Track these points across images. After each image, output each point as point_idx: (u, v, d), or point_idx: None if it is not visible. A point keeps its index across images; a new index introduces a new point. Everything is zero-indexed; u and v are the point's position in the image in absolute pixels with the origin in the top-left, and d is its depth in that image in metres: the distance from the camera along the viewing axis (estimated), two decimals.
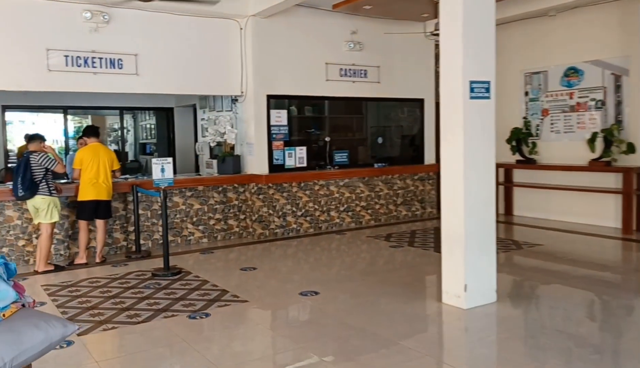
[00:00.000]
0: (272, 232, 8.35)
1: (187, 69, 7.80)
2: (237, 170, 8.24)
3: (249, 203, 8.28)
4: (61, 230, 6.98)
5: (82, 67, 6.96)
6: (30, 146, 6.42)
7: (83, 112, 12.22)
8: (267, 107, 8.26)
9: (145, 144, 12.97)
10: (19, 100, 9.39)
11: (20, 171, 6.19)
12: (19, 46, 6.59)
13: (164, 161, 6.19)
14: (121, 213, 7.42)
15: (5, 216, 6.60)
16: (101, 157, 6.77)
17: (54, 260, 6.87)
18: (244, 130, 8.34)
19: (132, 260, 7.01)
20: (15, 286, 2.74)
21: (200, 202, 7.99)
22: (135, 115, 12.89)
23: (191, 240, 7.95)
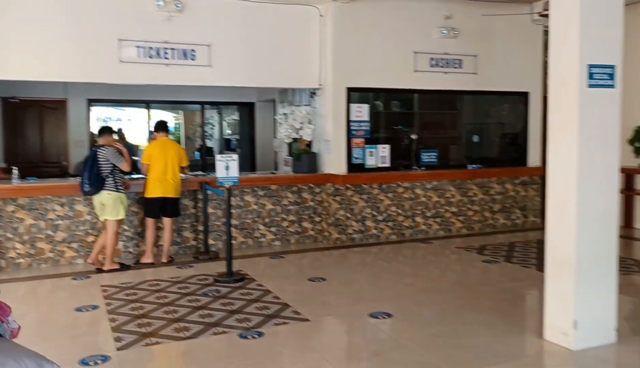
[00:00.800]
0: (349, 237, 7.65)
1: (262, 59, 7.31)
2: (313, 169, 7.63)
3: (325, 205, 7.65)
4: (130, 227, 6.75)
5: (154, 58, 6.68)
6: (99, 140, 6.22)
7: (171, 107, 12.25)
8: (347, 101, 7.56)
9: (229, 140, 12.80)
10: (103, 94, 9.45)
11: (88, 166, 6.00)
12: (91, 37, 6.42)
13: (229, 158, 5.71)
14: (191, 211, 7.08)
15: (75, 211, 6.47)
16: (169, 153, 6.44)
17: (123, 258, 6.67)
18: (322, 125, 7.70)
19: (198, 262, 6.63)
20: None
21: (273, 202, 7.48)
22: (220, 110, 12.74)
23: (263, 242, 7.46)
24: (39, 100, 9.25)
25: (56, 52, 6.28)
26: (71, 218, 6.46)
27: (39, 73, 6.35)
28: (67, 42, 6.32)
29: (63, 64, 6.34)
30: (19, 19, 6.08)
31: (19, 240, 6.22)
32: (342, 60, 7.50)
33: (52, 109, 9.38)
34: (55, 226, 6.38)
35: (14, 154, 9.11)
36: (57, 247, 6.40)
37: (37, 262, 6.32)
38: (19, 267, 6.23)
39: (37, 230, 6.30)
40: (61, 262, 6.42)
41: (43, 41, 6.21)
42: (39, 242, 6.32)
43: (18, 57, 6.11)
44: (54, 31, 6.25)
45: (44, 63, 6.26)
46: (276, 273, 6.16)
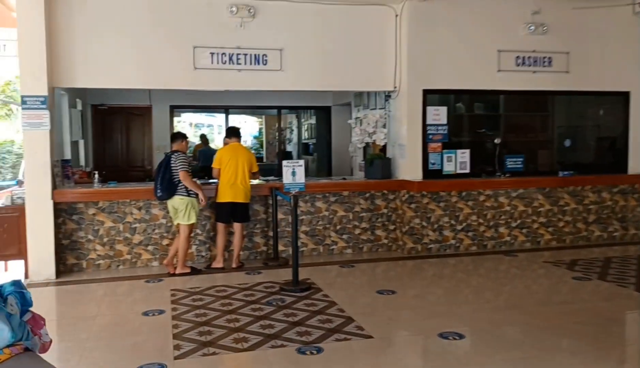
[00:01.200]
0: (425, 247, 7.27)
1: (335, 62, 7.13)
2: (386, 175, 7.34)
3: (399, 212, 7.32)
4: (203, 231, 6.83)
5: (227, 64, 6.71)
6: (173, 145, 6.33)
7: (251, 112, 12.44)
8: (423, 104, 7.19)
9: (307, 144, 12.77)
10: (184, 100, 9.73)
11: (160, 171, 6.12)
12: (168, 46, 6.56)
13: (295, 164, 5.58)
14: (262, 217, 7.04)
15: (151, 214, 6.64)
16: (240, 159, 6.44)
17: (195, 261, 6.76)
18: (396, 129, 7.39)
19: (267, 268, 6.56)
20: (32, 320, 2.21)
21: (345, 209, 7.27)
22: (298, 114, 12.75)
23: (334, 249, 7.27)
24: (125, 107, 9.70)
25: (136, 61, 6.48)
26: (147, 221, 6.63)
27: (120, 81, 6.58)
28: (146, 51, 6.50)
29: (142, 72, 6.53)
30: (102, 31, 6.33)
31: (99, 242, 6.48)
32: (418, 61, 7.16)
33: (137, 115, 9.81)
34: (132, 229, 6.58)
35: (102, 158, 9.60)
36: (134, 249, 6.60)
37: (116, 263, 6.55)
38: (99, 268, 6.48)
39: (115, 233, 6.53)
40: (138, 264, 6.61)
41: (124, 51, 6.43)
42: (117, 244, 6.54)
43: (101, 67, 6.36)
44: (134, 41, 6.45)
45: (124, 71, 6.48)
46: (344, 284, 5.94)
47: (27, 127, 5.89)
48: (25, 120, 5.87)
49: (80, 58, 6.27)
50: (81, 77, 6.32)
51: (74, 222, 6.38)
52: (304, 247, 7.15)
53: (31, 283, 5.95)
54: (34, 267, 6.02)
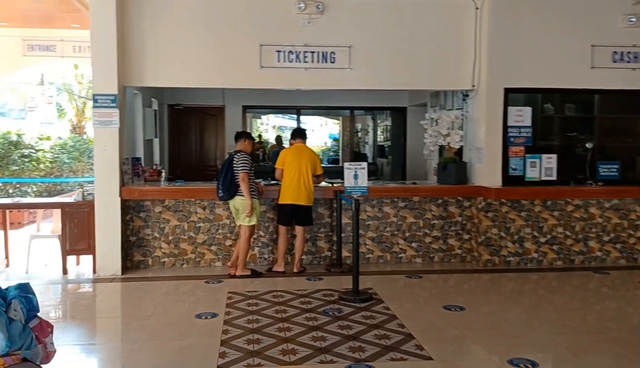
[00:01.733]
0: (503, 259, 6.67)
1: (408, 60, 6.73)
2: (461, 180, 6.82)
3: (475, 221, 6.77)
4: (266, 233, 6.68)
5: (294, 62, 6.52)
6: (236, 145, 6.23)
7: (325, 113, 12.25)
8: (505, 104, 6.61)
9: (383, 146, 12.38)
10: (256, 100, 9.70)
11: (223, 171, 6.03)
12: (234, 43, 6.48)
13: (358, 167, 5.26)
14: (326, 220, 6.78)
15: (215, 214, 6.59)
16: (303, 159, 6.22)
17: (258, 264, 6.63)
18: (474, 131, 6.85)
19: (329, 275, 6.29)
20: (38, 327, 2.07)
21: (414, 215, 6.84)
22: (374, 115, 12.39)
23: (402, 258, 6.86)
24: (200, 106, 9.83)
25: (202, 60, 6.45)
26: (211, 221, 6.58)
27: (186, 80, 6.59)
28: (213, 50, 6.45)
29: (208, 71, 6.49)
30: (171, 30, 6.36)
31: (165, 240, 6.51)
32: (500, 57, 6.59)
33: (211, 115, 9.91)
34: (197, 228, 6.56)
35: (177, 156, 9.78)
36: (198, 248, 6.57)
37: (180, 261, 6.55)
38: (164, 266, 6.51)
39: (180, 231, 6.53)
40: (201, 264, 6.58)
41: (191, 50, 6.42)
42: (182, 243, 6.55)
43: (169, 66, 6.39)
44: (201, 40, 6.42)
45: (191, 71, 6.48)
46: (409, 296, 5.53)
47: (98, 124, 6.02)
48: (96, 118, 6.01)
49: (149, 57, 6.34)
50: (150, 76, 6.38)
51: (141, 219, 6.45)
52: (370, 254, 6.81)
53: (98, 278, 6.09)
54: (101, 262, 6.14)
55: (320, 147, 17.70)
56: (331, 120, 16.76)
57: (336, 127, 16.29)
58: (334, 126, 16.83)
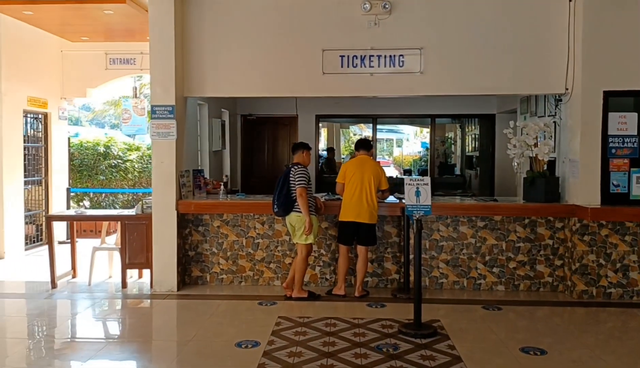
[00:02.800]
0: (602, 291, 5.68)
1: (487, 61, 5.98)
2: (552, 198, 5.91)
3: (569, 245, 5.84)
4: (328, 251, 6.21)
5: (358, 67, 6.02)
6: (294, 157, 5.83)
7: (409, 121, 11.57)
8: (604, 109, 5.64)
9: (471, 157, 11.45)
10: (330, 109, 9.30)
11: (279, 185, 5.65)
12: (295, 49, 6.11)
13: (420, 182, 4.62)
14: (394, 240, 6.17)
15: (274, 230, 6.23)
16: (366, 173, 5.68)
17: (319, 284, 6.17)
18: (567, 141, 5.93)
19: (394, 301, 5.68)
20: None
21: (496, 237, 6.03)
22: (462, 123, 11.51)
23: (481, 284, 6.08)
24: (273, 116, 9.61)
25: (263, 67, 6.15)
26: (270, 237, 6.24)
27: (246, 89, 6.31)
28: (273, 57, 6.13)
29: (268, 79, 6.17)
30: (231, 38, 6.13)
31: (223, 256, 6.25)
32: (598, 55, 5.65)
33: (284, 125, 9.65)
34: (255, 244, 6.24)
35: (250, 167, 9.62)
36: (256, 265, 6.25)
37: (238, 279, 6.27)
38: (222, 283, 6.26)
39: (239, 247, 6.25)
40: (260, 282, 6.25)
41: (251, 58, 6.15)
42: (240, 259, 6.26)
43: (229, 75, 6.16)
44: (261, 47, 6.12)
45: (251, 79, 6.19)
46: (482, 332, 4.78)
47: (156, 136, 5.90)
48: (154, 130, 5.89)
49: (209, 67, 6.14)
50: (210, 86, 6.18)
51: (199, 233, 6.25)
52: (444, 279, 6.10)
53: (154, 294, 5.95)
54: (157, 277, 6.00)
55: (414, 156, 16.94)
56: (425, 129, 15.99)
57: (428, 134, 15.50)
58: (427, 135, 16.04)
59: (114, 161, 11.25)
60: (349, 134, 16.22)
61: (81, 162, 11.12)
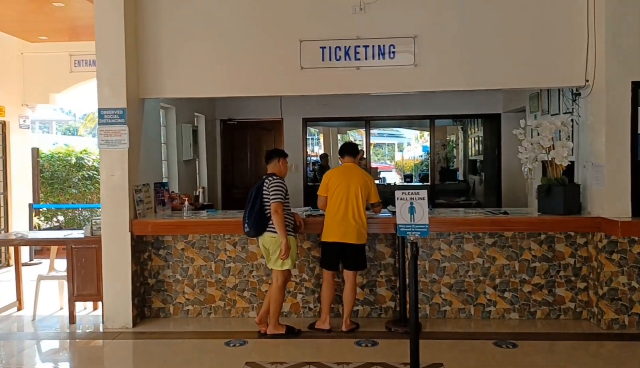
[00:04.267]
0: (636, 319, 4.78)
1: (492, 51, 5.11)
2: (572, 209, 5.01)
3: (594, 265, 4.93)
4: (311, 276, 5.31)
5: (342, 60, 5.14)
6: (268, 166, 4.93)
7: (407, 124, 10.69)
8: (633, 103, 4.75)
9: (475, 161, 10.56)
10: (318, 112, 8.43)
11: (250, 199, 4.75)
12: (268, 40, 5.24)
13: (415, 196, 3.71)
14: (388, 261, 5.28)
15: (248, 252, 5.34)
16: (353, 184, 4.79)
17: (301, 314, 5.28)
18: (588, 142, 5.04)
19: (389, 336, 4.78)
20: None
21: (508, 256, 5.13)
22: (464, 125, 10.62)
23: (491, 312, 5.17)
24: (255, 121, 8.73)
25: (231, 64, 5.27)
26: (244, 260, 5.35)
27: (213, 89, 5.43)
28: (243, 52, 5.25)
29: (238, 77, 5.29)
30: (192, 32, 5.27)
31: (189, 283, 5.36)
32: (625, 40, 4.78)
33: (268, 130, 8.77)
34: (226, 269, 5.35)
35: (231, 177, 8.74)
36: (227, 294, 5.36)
37: (207, 310, 5.37)
38: (188, 315, 5.36)
39: (207, 273, 5.36)
40: (232, 313, 5.35)
41: (217, 53, 5.27)
42: (209, 287, 5.36)
43: (192, 74, 5.28)
44: (229, 41, 5.24)
45: (218, 77, 5.32)
46: None
47: (104, 144, 5.01)
48: (101, 138, 5.01)
49: (168, 63, 5.27)
50: (170, 85, 5.30)
51: (160, 257, 5.36)
52: (447, 306, 5.20)
53: (106, 331, 5.04)
54: (109, 311, 5.09)
55: (415, 160, 16.13)
56: (426, 132, 15.15)
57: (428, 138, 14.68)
58: (427, 138, 15.22)
59: (88, 173, 10.36)
60: (347, 139, 15.38)
61: (52, 175, 10.24)
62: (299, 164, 8.64)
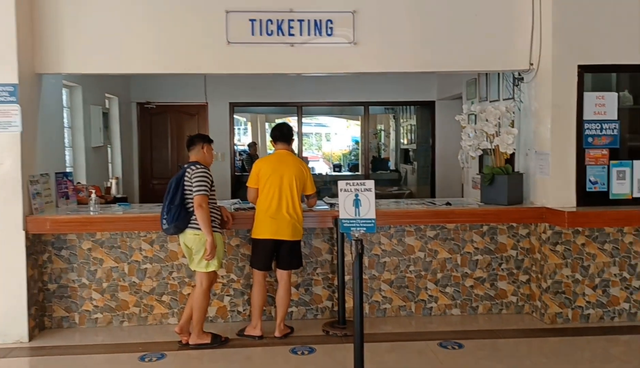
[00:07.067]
0: (579, 313, 4.65)
1: (436, 30, 4.78)
2: (515, 199, 4.80)
3: (537, 257, 4.75)
4: (240, 275, 4.78)
5: (275, 35, 4.61)
6: (191, 154, 4.32)
7: (340, 111, 10.30)
8: (579, 88, 4.57)
9: (407, 150, 10.37)
10: (247, 96, 7.84)
11: (169, 192, 4.13)
12: (188, 8, 4.60)
13: (361, 187, 3.27)
14: (325, 257, 4.84)
15: (167, 251, 4.72)
16: (287, 174, 4.29)
17: (229, 320, 4.73)
18: (532, 129, 4.84)
19: (327, 340, 4.35)
20: None
21: (449, 249, 4.85)
22: (396, 113, 10.38)
23: (433, 308, 4.88)
24: (177, 105, 8.00)
25: (145, 36, 4.60)
26: (162, 261, 4.72)
27: (123, 64, 4.67)
28: (160, 23, 4.60)
29: (153, 51, 4.63)
30: None
31: (97, 288, 4.66)
32: (571, 22, 4.57)
33: (191, 115, 8.05)
34: (141, 271, 4.70)
35: (150, 166, 7.99)
36: (143, 299, 4.71)
37: (119, 318, 4.70)
38: (96, 324, 4.67)
39: (119, 276, 4.68)
40: (149, 321, 4.71)
41: (127, 23, 4.58)
42: (121, 292, 4.69)
43: (99, 47, 4.55)
44: (144, 9, 4.57)
45: (130, 51, 4.61)
46: None
47: None
48: None
49: (70, 34, 4.51)
50: (72, 59, 4.53)
51: (63, 259, 4.62)
52: (387, 304, 4.85)
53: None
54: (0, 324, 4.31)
55: (343, 150, 15.84)
56: (353, 122, 14.85)
57: (358, 128, 14.42)
58: (357, 128, 14.95)
59: None
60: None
61: None
62: (225, 152, 8.01)
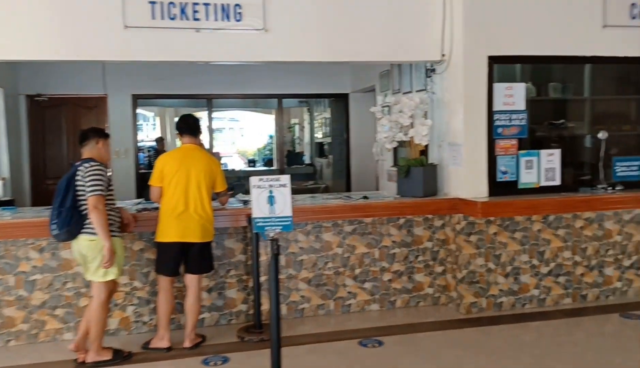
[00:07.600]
0: (493, 301, 4.72)
1: (349, 19, 4.64)
2: (430, 191, 4.79)
3: (452, 248, 4.76)
4: (146, 282, 4.38)
5: (178, 19, 4.25)
6: (84, 150, 3.86)
7: (253, 104, 9.98)
8: (489, 79, 4.62)
9: (322, 144, 10.27)
10: (151, 87, 7.33)
11: (60, 194, 3.66)
12: None
13: (275, 183, 3.04)
14: (239, 258, 4.56)
15: (60, 260, 4.22)
16: (194, 170, 3.96)
17: (132, 331, 4.32)
18: (445, 120, 4.84)
19: (241, 347, 4.09)
20: None
21: (367, 244, 4.74)
22: (310, 106, 10.24)
23: (351, 305, 4.76)
24: (72, 97, 7.32)
25: (29, 15, 4.08)
26: (54, 270, 4.21)
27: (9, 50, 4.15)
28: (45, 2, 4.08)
29: (39, 33, 4.11)
30: None
31: None
32: (481, 13, 4.60)
33: (89, 109, 7.40)
34: (30, 283, 4.17)
35: (43, 165, 7.26)
36: (33, 314, 4.18)
37: (4, 337, 4.15)
38: None
39: (4, 290, 4.12)
40: (40, 338, 4.20)
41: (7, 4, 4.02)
42: (6, 308, 4.14)
43: None
44: None
45: (9, 33, 4.07)
46: None
47: None
48: None
49: None
50: None
51: None
52: (305, 304, 4.67)
53: None
54: None
55: (258, 146, 15.53)
56: (269, 116, 14.53)
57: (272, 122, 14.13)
58: (271, 122, 14.65)
59: None
60: None
61: None
62: (129, 148, 7.41)
